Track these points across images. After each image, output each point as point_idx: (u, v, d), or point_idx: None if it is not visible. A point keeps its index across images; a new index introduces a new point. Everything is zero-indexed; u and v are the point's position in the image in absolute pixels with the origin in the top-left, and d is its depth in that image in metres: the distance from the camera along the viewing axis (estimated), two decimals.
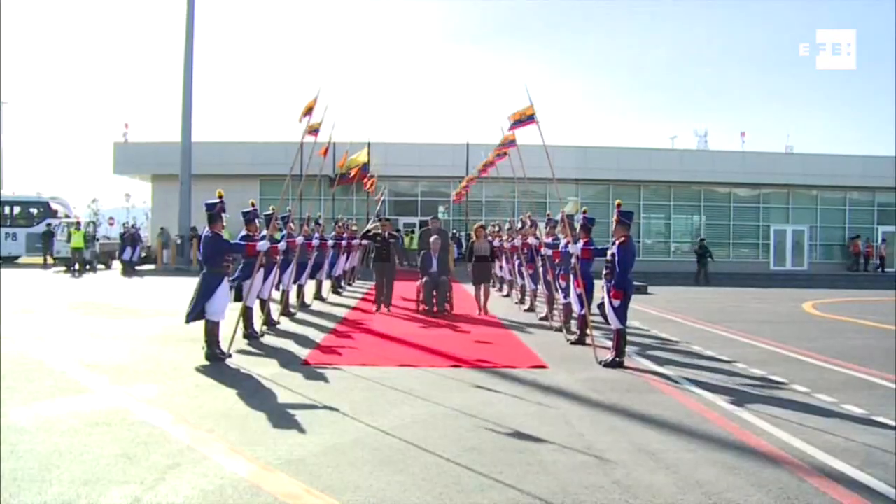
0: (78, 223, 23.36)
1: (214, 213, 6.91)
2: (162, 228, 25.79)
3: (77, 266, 21.14)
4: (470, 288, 11.83)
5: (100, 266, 23.75)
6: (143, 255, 25.09)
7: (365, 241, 14.32)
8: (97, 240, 25.34)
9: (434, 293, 10.89)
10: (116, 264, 23.89)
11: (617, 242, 6.93)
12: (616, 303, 6.83)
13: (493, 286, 13.88)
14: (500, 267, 14.38)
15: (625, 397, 5.60)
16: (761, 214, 29.69)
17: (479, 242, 11.32)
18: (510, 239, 13.02)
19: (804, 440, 4.47)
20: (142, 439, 4.21)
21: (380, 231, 11.48)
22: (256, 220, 8.36)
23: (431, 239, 11.09)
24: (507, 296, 14.17)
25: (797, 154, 30.11)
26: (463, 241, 21.93)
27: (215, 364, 6.61)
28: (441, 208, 28.24)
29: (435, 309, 10.84)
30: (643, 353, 7.81)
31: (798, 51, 19.01)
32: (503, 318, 10.52)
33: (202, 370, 6.36)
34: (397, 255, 11.50)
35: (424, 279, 11.02)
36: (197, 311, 6.75)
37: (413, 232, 27.33)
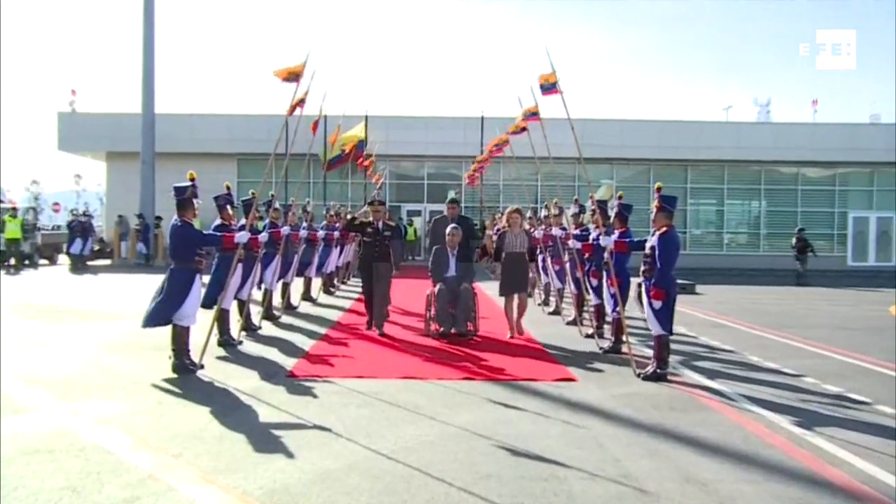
0: (14, 209, 23.05)
1: (185, 198, 6.90)
2: (119, 216, 25.72)
3: (13, 261, 20.99)
4: (491, 290, 10.03)
5: (42, 261, 23.51)
6: (97, 247, 25.04)
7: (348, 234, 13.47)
8: (38, 229, 25.30)
9: (451, 308, 9.01)
10: (63, 259, 23.72)
11: (658, 233, 6.89)
12: (657, 304, 6.80)
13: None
14: None
15: (668, 416, 5.57)
16: (837, 199, 29.15)
17: (512, 233, 9.23)
18: (532, 229, 12.93)
19: (894, 473, 4.39)
20: (93, 468, 4.21)
21: (370, 219, 9.52)
22: (229, 207, 8.36)
23: (448, 229, 9.23)
24: (529, 296, 14.12)
25: (885, 125, 28.62)
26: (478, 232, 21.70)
27: (184, 376, 6.63)
28: (452, 192, 28.19)
29: (453, 331, 9.00)
30: (690, 363, 7.78)
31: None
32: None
33: (168, 384, 6.38)
34: (394, 254, 9.54)
35: (438, 287, 9.09)
36: (159, 314, 6.74)
37: (412, 224, 27.28)
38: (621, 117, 28.50)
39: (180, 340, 6.82)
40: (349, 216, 11.90)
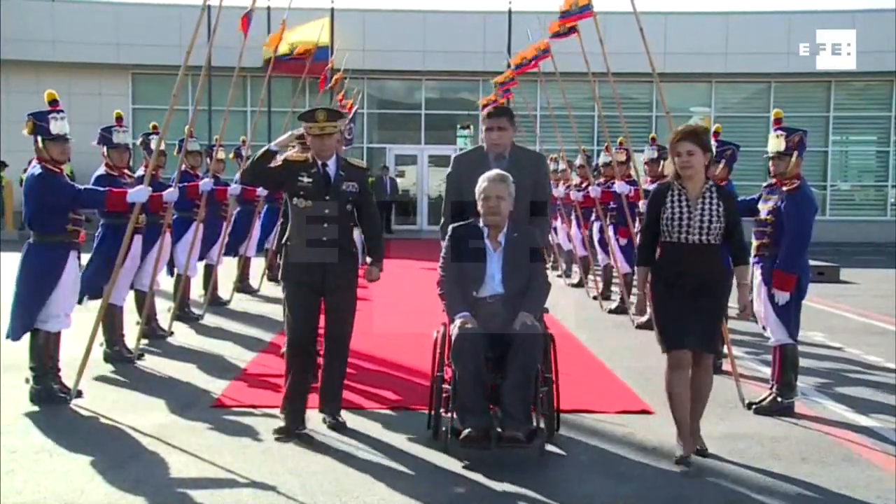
0: None
1: (36, 133, 6.78)
2: None
3: None
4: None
5: None
6: None
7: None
8: None
9: (493, 374, 5.96)
10: None
11: (784, 188, 6.82)
12: (782, 297, 6.77)
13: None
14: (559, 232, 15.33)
15: (799, 470, 5.55)
16: None
17: (684, 195, 5.76)
18: (584, 185, 12.84)
19: None
20: None
21: (307, 156, 6.47)
22: (106, 147, 8.28)
23: (484, 183, 6.03)
24: (579, 285, 14.25)
25: None
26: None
27: (50, 408, 6.62)
28: (463, 131, 28.07)
29: (504, 434, 5.68)
30: (832, 389, 7.78)
31: None
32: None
33: (26, 422, 6.35)
34: (371, 235, 6.86)
35: (457, 326, 5.89)
36: (23, 316, 6.72)
37: (400, 177, 26.78)
38: (726, 8, 28.12)
39: (45, 354, 6.78)
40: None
